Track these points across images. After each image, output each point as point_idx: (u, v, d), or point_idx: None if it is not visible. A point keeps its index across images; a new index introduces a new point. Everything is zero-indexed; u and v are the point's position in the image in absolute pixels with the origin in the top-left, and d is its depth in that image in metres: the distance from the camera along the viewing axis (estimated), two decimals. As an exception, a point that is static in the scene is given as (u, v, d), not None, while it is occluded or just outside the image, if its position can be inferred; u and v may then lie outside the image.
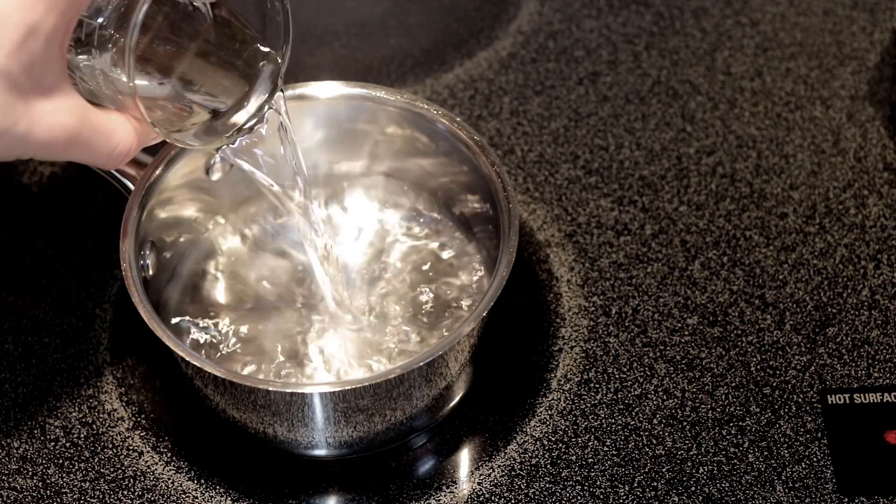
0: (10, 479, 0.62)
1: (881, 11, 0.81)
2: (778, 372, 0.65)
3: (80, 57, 0.52)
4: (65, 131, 0.50)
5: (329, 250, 0.64)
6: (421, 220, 0.69)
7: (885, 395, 0.64)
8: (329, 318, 0.66)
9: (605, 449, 0.63)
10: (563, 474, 0.62)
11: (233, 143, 0.59)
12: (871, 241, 0.70)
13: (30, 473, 0.63)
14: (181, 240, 0.68)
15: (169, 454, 0.63)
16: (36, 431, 0.64)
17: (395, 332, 0.65)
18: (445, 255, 0.68)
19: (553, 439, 0.63)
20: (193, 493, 0.62)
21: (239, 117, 0.58)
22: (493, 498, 0.62)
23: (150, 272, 0.65)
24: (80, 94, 0.52)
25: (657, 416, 0.64)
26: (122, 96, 0.52)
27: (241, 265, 0.68)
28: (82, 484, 0.62)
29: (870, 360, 0.66)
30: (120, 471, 0.63)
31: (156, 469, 0.63)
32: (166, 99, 0.55)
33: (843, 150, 0.74)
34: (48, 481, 0.62)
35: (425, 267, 0.68)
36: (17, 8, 0.46)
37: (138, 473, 0.63)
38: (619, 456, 0.63)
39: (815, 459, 0.62)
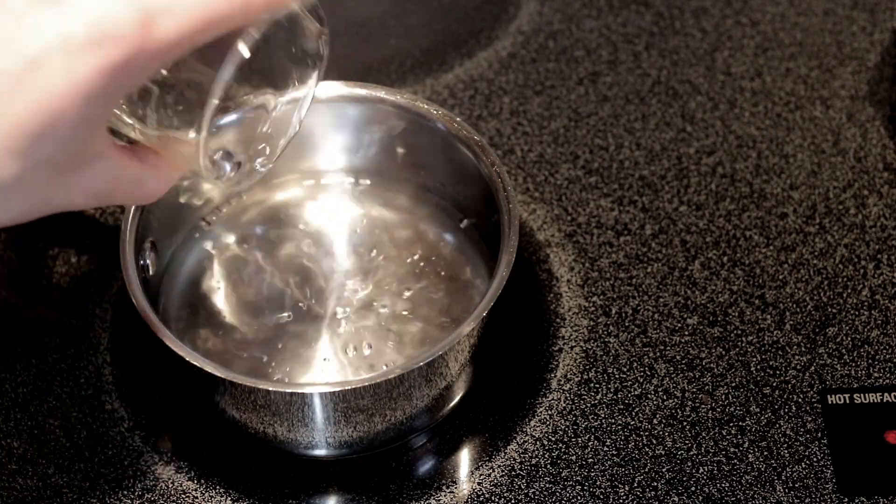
0: (10, 479, 0.62)
1: (881, 11, 0.81)
2: (778, 372, 0.65)
3: (126, 117, 0.51)
4: (100, 193, 0.49)
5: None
6: (420, 219, 0.69)
7: (885, 395, 0.64)
8: (328, 318, 0.66)
9: (605, 449, 0.63)
10: (563, 474, 0.62)
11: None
12: (871, 241, 0.70)
13: (30, 473, 0.63)
14: (181, 240, 0.68)
15: (169, 454, 0.63)
16: (36, 431, 0.64)
17: (392, 331, 0.65)
18: (444, 254, 0.68)
19: (553, 439, 0.63)
20: (193, 493, 0.62)
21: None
22: (493, 498, 0.62)
23: (150, 272, 0.65)
24: (115, 138, 0.51)
25: (657, 416, 0.64)
26: (168, 143, 0.52)
27: (241, 264, 0.68)
28: (82, 484, 0.62)
29: (870, 360, 0.66)
30: (120, 471, 0.63)
31: (156, 469, 0.63)
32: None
33: (843, 150, 0.74)
34: (48, 481, 0.62)
35: (424, 267, 0.68)
36: (74, 106, 0.45)
37: (138, 473, 0.63)
38: (619, 456, 0.63)
39: (815, 459, 0.62)
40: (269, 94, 0.57)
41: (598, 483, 0.62)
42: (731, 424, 0.63)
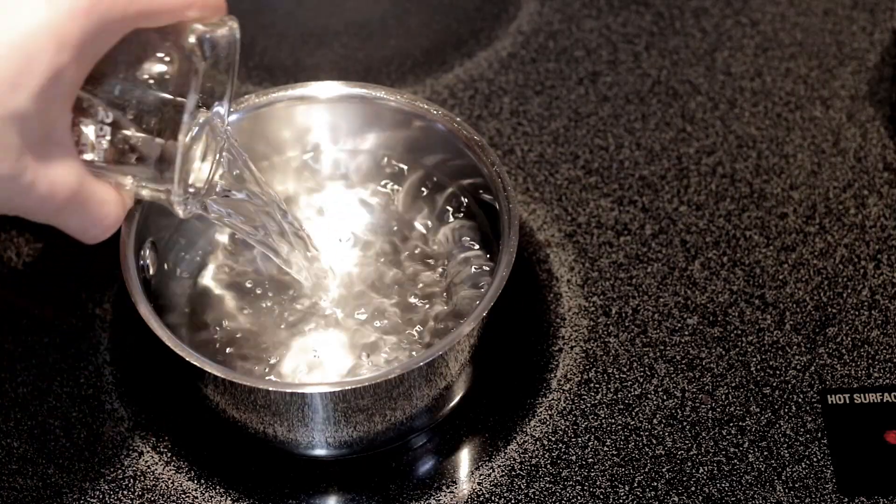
0: (10, 479, 0.62)
1: (881, 11, 0.81)
2: (778, 372, 0.65)
3: (88, 129, 0.51)
4: (64, 189, 0.49)
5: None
6: (420, 219, 0.69)
7: (885, 395, 0.64)
8: (329, 316, 0.66)
9: (605, 449, 0.63)
10: (563, 474, 0.62)
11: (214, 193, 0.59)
12: (871, 241, 0.70)
13: (30, 473, 0.63)
14: (181, 239, 0.68)
15: (169, 454, 0.63)
16: (36, 431, 0.64)
17: (392, 330, 0.65)
18: (444, 255, 0.68)
19: (553, 439, 0.63)
20: (193, 493, 0.62)
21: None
22: (493, 498, 0.62)
23: (150, 272, 0.65)
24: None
25: (657, 416, 0.64)
26: (125, 176, 0.53)
27: (241, 264, 0.68)
28: (82, 484, 0.62)
29: (870, 360, 0.66)
30: (120, 471, 0.63)
31: (156, 469, 0.63)
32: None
33: (843, 150, 0.74)
34: (48, 481, 0.62)
35: (423, 267, 0.68)
36: (45, 50, 0.45)
37: (138, 473, 0.63)
38: (619, 456, 0.63)
39: (815, 459, 0.62)
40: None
41: (598, 483, 0.62)
42: (731, 424, 0.63)
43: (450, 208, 0.69)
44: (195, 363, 0.57)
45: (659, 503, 0.61)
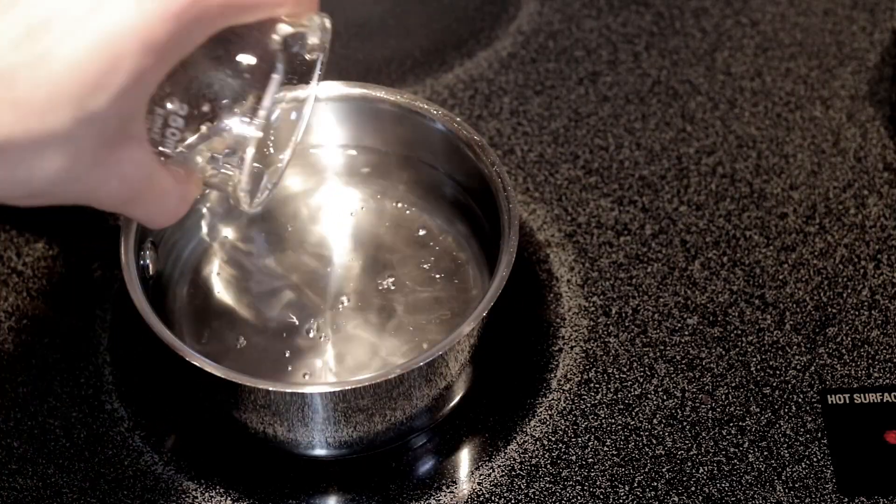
0: (10, 479, 0.62)
1: (881, 11, 0.81)
2: (778, 372, 0.65)
3: (161, 119, 0.51)
4: (134, 182, 0.49)
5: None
6: (420, 219, 0.69)
7: (885, 395, 0.64)
8: (330, 315, 0.66)
9: (605, 449, 0.63)
10: (563, 474, 0.62)
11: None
12: (871, 241, 0.70)
13: (30, 473, 0.63)
14: (181, 239, 0.68)
15: (169, 454, 0.63)
16: (36, 431, 0.64)
17: (393, 330, 0.65)
18: (444, 254, 0.68)
19: (553, 439, 0.63)
20: (193, 493, 0.62)
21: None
22: (493, 498, 0.62)
23: (150, 272, 0.65)
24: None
25: (657, 416, 0.64)
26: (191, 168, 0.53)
27: (241, 263, 0.68)
28: (82, 484, 0.62)
29: (870, 360, 0.66)
30: (120, 471, 0.63)
31: (156, 469, 0.63)
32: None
33: (843, 150, 0.74)
34: (48, 481, 0.62)
35: (424, 267, 0.68)
36: (131, 53, 0.45)
37: (138, 473, 0.63)
38: (619, 456, 0.63)
39: (815, 459, 0.62)
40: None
41: (598, 483, 0.62)
42: (731, 424, 0.63)
43: (449, 208, 0.69)
44: (195, 363, 0.57)
45: (659, 503, 0.61)
